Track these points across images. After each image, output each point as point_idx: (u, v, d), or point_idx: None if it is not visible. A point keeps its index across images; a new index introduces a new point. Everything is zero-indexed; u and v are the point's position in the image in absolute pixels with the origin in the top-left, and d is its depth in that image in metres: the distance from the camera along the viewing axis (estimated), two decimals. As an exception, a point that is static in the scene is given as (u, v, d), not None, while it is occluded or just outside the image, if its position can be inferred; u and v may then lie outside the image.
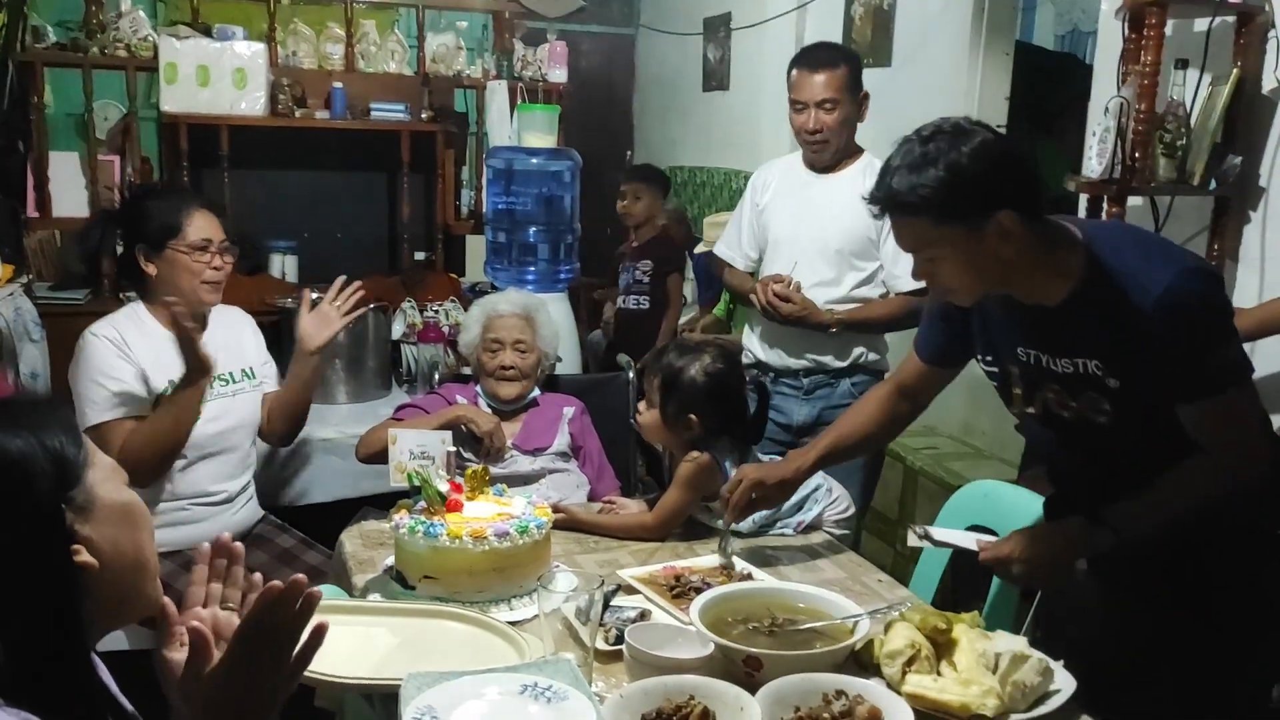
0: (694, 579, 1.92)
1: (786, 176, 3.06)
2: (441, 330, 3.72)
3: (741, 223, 3.14)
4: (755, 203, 3.09)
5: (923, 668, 1.53)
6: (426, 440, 2.11)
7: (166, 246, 2.47)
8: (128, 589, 1.14)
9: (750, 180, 3.17)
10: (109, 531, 1.11)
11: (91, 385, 2.39)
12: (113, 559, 1.11)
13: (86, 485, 1.11)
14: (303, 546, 2.72)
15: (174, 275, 2.49)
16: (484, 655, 1.60)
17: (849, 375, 2.99)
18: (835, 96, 2.86)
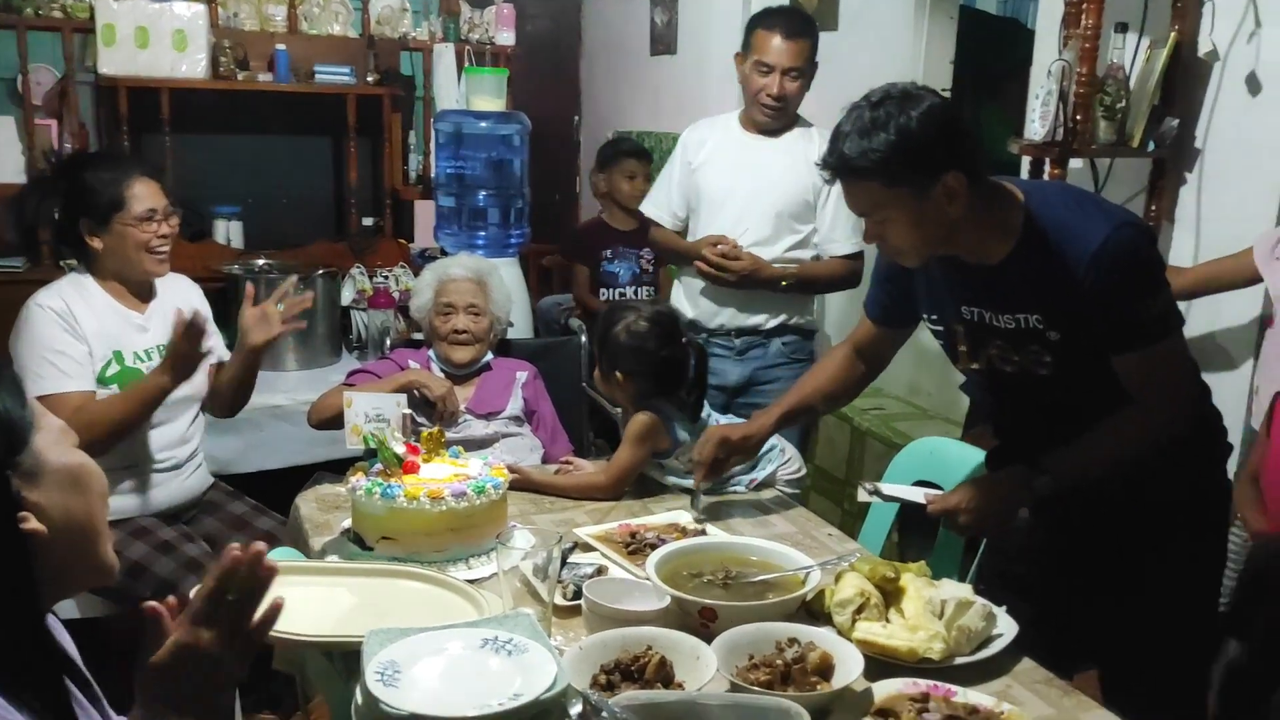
0: (649, 535, 1.95)
1: (724, 136, 3.06)
2: (391, 296, 3.72)
3: (672, 181, 3.13)
4: (687, 161, 3.08)
5: (872, 615, 1.57)
6: (381, 403, 2.11)
7: (113, 221, 2.44)
8: (78, 555, 1.12)
9: (681, 138, 3.15)
10: (58, 496, 1.08)
11: (36, 358, 2.35)
12: (62, 525, 1.08)
13: (34, 450, 1.07)
14: (255, 512, 2.71)
15: (122, 248, 2.45)
16: (443, 613, 1.62)
17: (780, 335, 3.04)
18: (802, 66, 2.89)
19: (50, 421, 1.12)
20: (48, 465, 1.08)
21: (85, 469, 1.13)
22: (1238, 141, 2.70)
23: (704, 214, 3.04)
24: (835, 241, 2.99)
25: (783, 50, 2.85)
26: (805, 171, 2.95)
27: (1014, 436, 1.96)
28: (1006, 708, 1.36)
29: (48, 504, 1.07)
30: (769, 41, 2.87)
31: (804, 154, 2.97)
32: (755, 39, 2.90)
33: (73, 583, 1.16)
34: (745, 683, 1.39)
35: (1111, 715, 1.42)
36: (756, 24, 2.94)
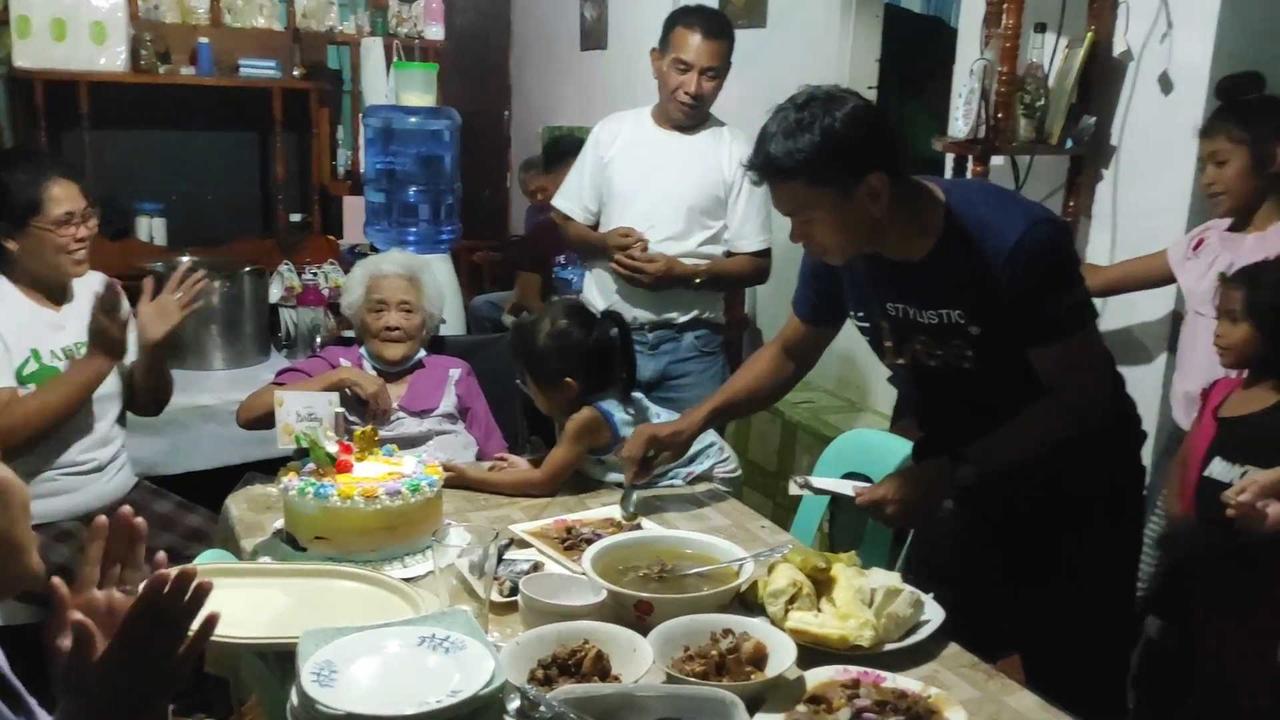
0: (585, 531, 1.97)
1: (637, 131, 3.08)
2: (321, 293, 3.68)
3: (584, 174, 3.14)
4: (600, 155, 3.10)
5: (804, 605, 1.60)
6: (313, 402, 2.09)
7: (29, 224, 2.38)
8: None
9: (593, 132, 3.16)
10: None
11: None
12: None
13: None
14: (181, 510, 2.67)
15: (38, 252, 2.41)
16: (380, 612, 1.61)
17: (692, 329, 3.07)
18: (719, 65, 2.92)
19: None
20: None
21: (6, 483, 1.09)
22: (1151, 139, 2.79)
23: (616, 208, 3.05)
24: (745, 238, 3.04)
25: (702, 49, 2.88)
26: (717, 169, 3.01)
27: (938, 429, 2.01)
28: (933, 691, 1.40)
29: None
30: (688, 40, 2.90)
31: (716, 151, 3.03)
32: (675, 36, 2.93)
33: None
34: (681, 674, 1.41)
35: (1033, 696, 1.47)
36: (676, 21, 2.96)
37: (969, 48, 3.16)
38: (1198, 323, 2.56)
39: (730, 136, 3.06)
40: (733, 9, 4.46)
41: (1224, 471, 2.13)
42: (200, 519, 2.64)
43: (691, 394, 3.05)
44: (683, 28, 2.92)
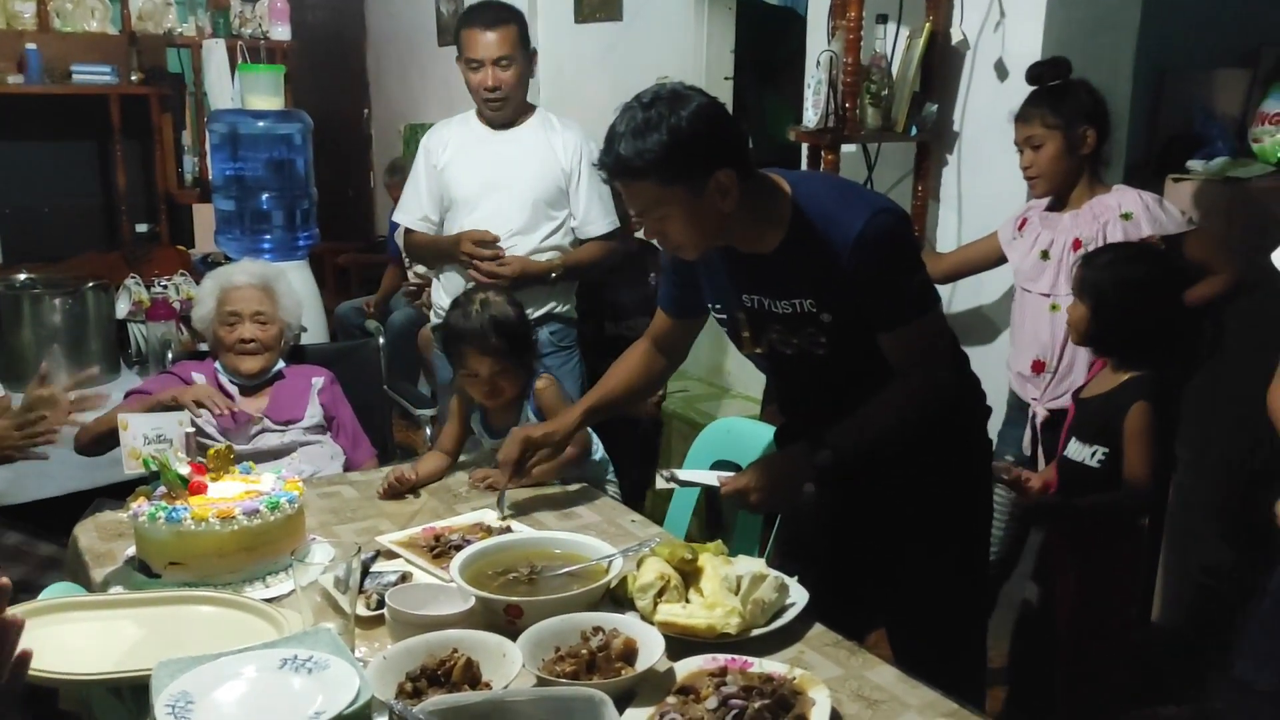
0: (454, 538, 1.94)
1: (464, 135, 3.09)
2: (172, 307, 3.54)
3: (419, 185, 3.13)
4: (433, 164, 3.10)
5: (672, 597, 1.62)
6: (161, 423, 2.01)
7: None
8: None
9: (423, 142, 3.17)
10: None
11: None
12: None
13: None
14: (30, 540, 2.54)
15: None
16: (241, 636, 1.56)
17: (546, 324, 3.09)
18: (510, 53, 2.93)
19: None
20: None
21: None
22: (990, 124, 2.90)
23: (460, 213, 3.05)
24: (592, 222, 3.08)
25: (486, 42, 2.91)
26: (552, 158, 3.04)
27: (798, 414, 2.06)
28: (798, 672, 1.43)
29: None
30: (472, 38, 2.93)
31: (548, 141, 3.05)
32: (462, 39, 2.96)
33: None
34: (551, 675, 1.40)
35: (892, 669, 1.51)
36: (460, 25, 2.99)
37: (817, 39, 3.24)
38: (1025, 299, 2.69)
39: (560, 124, 3.10)
40: (588, 4, 4.47)
41: (1077, 451, 2.24)
42: (53, 549, 2.51)
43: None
44: (465, 29, 2.96)
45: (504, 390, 2.37)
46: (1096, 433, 2.21)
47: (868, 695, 1.44)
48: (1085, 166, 2.58)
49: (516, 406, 2.39)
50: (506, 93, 2.96)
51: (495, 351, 2.32)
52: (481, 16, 2.94)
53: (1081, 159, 2.56)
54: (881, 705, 1.42)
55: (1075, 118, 2.53)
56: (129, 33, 4.15)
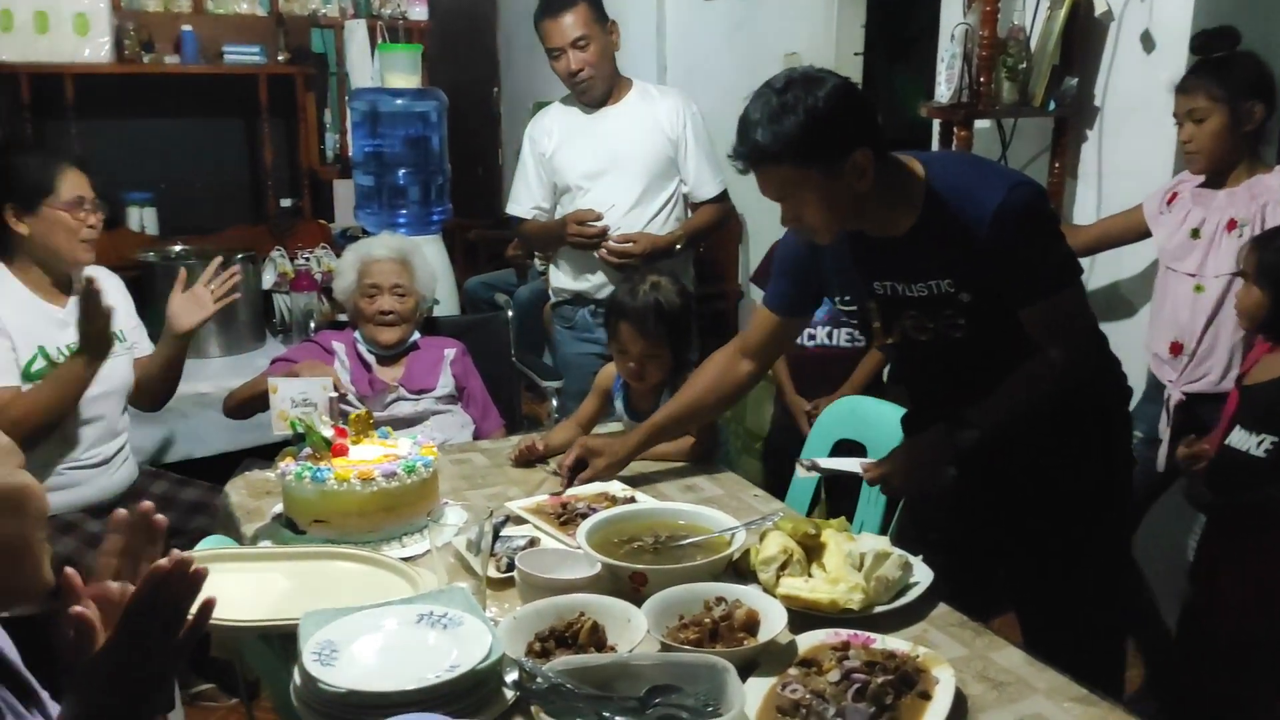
0: (580, 506, 1.99)
1: (566, 121, 3.13)
2: (314, 278, 3.69)
3: (529, 177, 3.18)
4: (540, 153, 3.15)
5: (795, 571, 1.63)
6: (308, 387, 2.11)
7: (41, 205, 2.41)
8: (11, 576, 1.10)
9: (527, 133, 3.21)
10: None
11: None
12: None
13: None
14: (178, 486, 2.71)
15: (50, 234, 2.43)
16: (379, 591, 1.64)
17: None
18: (585, 33, 2.95)
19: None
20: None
21: (25, 492, 1.10)
22: (1134, 98, 2.80)
23: (573, 197, 3.10)
24: (704, 184, 3.12)
25: (560, 28, 2.95)
26: (657, 129, 3.07)
27: (933, 401, 2.02)
28: (922, 651, 1.42)
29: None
30: (546, 28, 2.97)
31: (650, 112, 3.09)
32: (540, 32, 3.00)
33: (7, 601, 1.14)
34: (675, 642, 1.44)
35: (1019, 652, 1.50)
36: (535, 20, 3.02)
37: (952, 12, 3.16)
38: (1168, 278, 2.59)
39: (659, 93, 3.15)
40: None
41: (1242, 440, 2.14)
42: (198, 491, 2.68)
43: None
44: (539, 22, 3.00)
45: (650, 374, 2.36)
46: (1264, 420, 2.10)
47: (993, 677, 1.43)
48: (1247, 143, 2.46)
49: (658, 392, 2.40)
50: (591, 72, 2.99)
51: (651, 334, 2.31)
52: (551, 5, 2.97)
53: (1244, 135, 2.44)
54: (1007, 687, 1.41)
55: (1241, 91, 2.41)
56: (276, 14, 4.32)
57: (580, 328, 3.18)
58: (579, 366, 3.17)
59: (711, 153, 3.13)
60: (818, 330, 3.03)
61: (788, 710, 1.31)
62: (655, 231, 3.05)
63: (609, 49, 3.02)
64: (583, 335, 3.17)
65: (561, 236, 3.08)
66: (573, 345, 3.21)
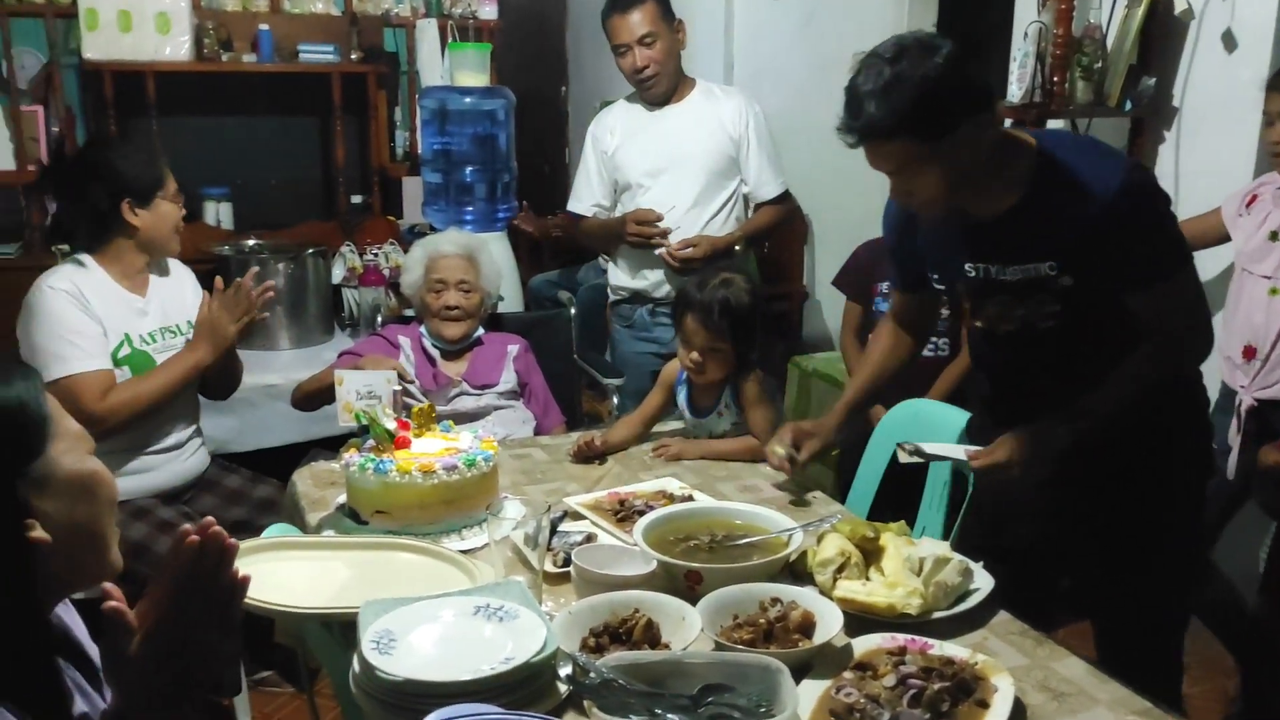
0: (637, 503, 2.00)
1: (628, 119, 3.14)
2: (382, 273, 3.74)
3: (590, 174, 3.19)
4: (603, 151, 3.15)
5: (852, 574, 1.62)
6: (372, 380, 2.15)
7: (155, 197, 2.51)
8: (82, 559, 1.12)
9: (589, 131, 3.22)
10: (66, 505, 1.08)
11: (55, 339, 2.39)
12: (68, 532, 1.08)
13: (48, 456, 1.08)
14: (251, 483, 2.77)
15: (159, 225, 2.54)
16: (437, 582, 1.66)
17: None
18: (652, 30, 2.95)
19: (68, 427, 1.12)
20: (60, 473, 1.09)
21: (96, 478, 1.13)
22: (1214, 98, 2.73)
23: (634, 195, 3.10)
24: (765, 185, 3.11)
25: (628, 25, 2.95)
26: (719, 128, 3.06)
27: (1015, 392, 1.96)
28: (980, 658, 1.40)
29: (54, 512, 1.07)
30: (613, 25, 2.98)
31: (713, 111, 3.08)
32: (607, 29, 3.01)
33: (76, 584, 1.17)
34: (729, 641, 1.43)
35: (1082, 662, 1.47)
36: (603, 17, 3.03)
37: (1025, 10, 3.11)
38: (1244, 281, 2.52)
39: (722, 92, 3.14)
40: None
41: None
42: (270, 489, 2.74)
43: None
44: (606, 19, 3.01)
45: (710, 369, 2.35)
46: None
47: (1054, 687, 1.41)
48: None
49: (719, 389, 2.39)
50: (657, 70, 3.00)
51: (714, 328, 2.29)
52: (619, 1, 2.98)
53: None
54: (1068, 698, 1.38)
55: None
56: (350, 14, 4.39)
57: (638, 326, 3.19)
58: (637, 365, 3.18)
59: (774, 153, 3.12)
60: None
61: (841, 714, 1.30)
62: (714, 231, 3.05)
63: (675, 47, 3.02)
64: (641, 334, 3.18)
65: (621, 235, 3.09)
66: (631, 344, 3.21)
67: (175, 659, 1.09)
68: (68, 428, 1.12)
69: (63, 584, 1.14)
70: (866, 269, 3.03)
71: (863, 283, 3.02)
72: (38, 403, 1.09)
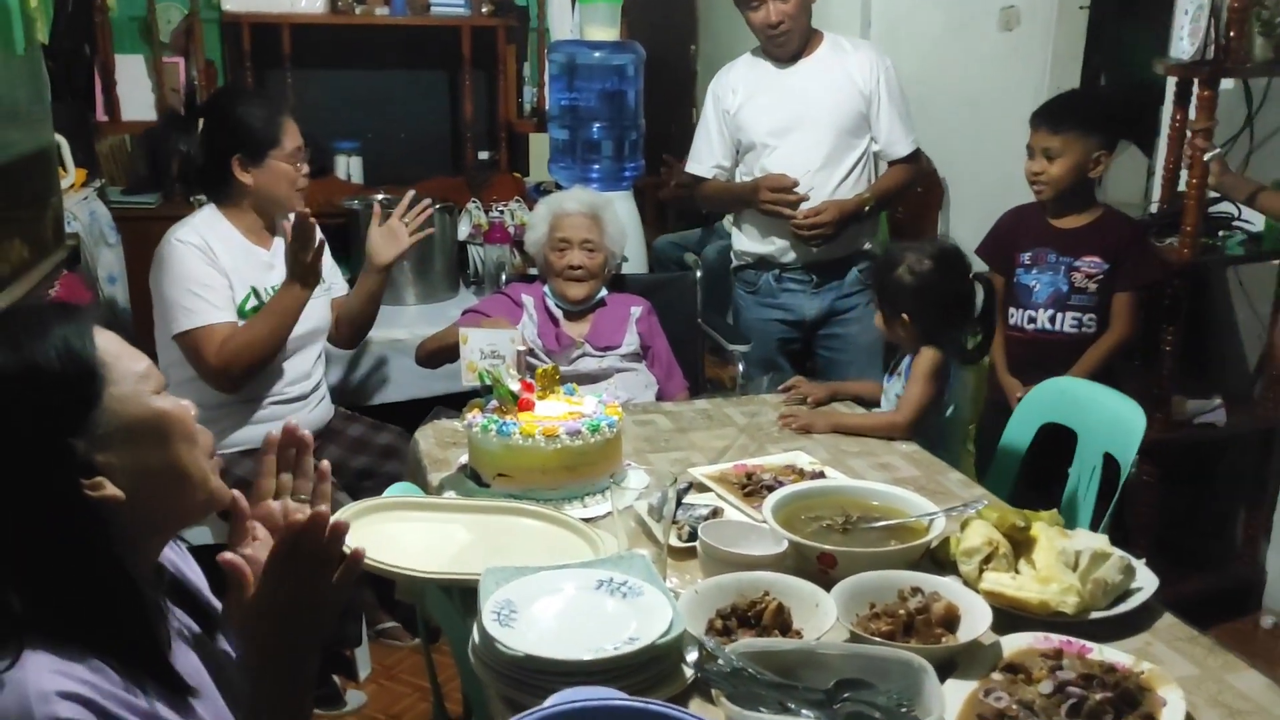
0: (765, 477, 1.91)
1: (752, 75, 3.00)
2: (507, 230, 3.71)
3: (711, 134, 3.06)
4: (724, 110, 3.02)
5: (1000, 566, 1.51)
6: (496, 339, 2.10)
7: (267, 157, 2.50)
8: (170, 501, 1.09)
9: (710, 88, 3.09)
10: (134, 453, 1.05)
11: (183, 292, 2.43)
12: (143, 481, 1.05)
13: (104, 409, 1.03)
14: (373, 430, 2.79)
15: (273, 185, 2.54)
16: (559, 551, 1.62)
17: (854, 263, 3.01)
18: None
19: (125, 370, 1.06)
20: (121, 420, 1.04)
21: (166, 417, 1.08)
22: None
23: (758, 155, 2.97)
24: (896, 144, 2.98)
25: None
26: (850, 84, 2.92)
27: None
28: (1146, 666, 1.28)
29: (125, 463, 1.04)
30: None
31: (843, 67, 2.93)
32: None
33: (173, 526, 1.16)
34: (866, 632, 1.34)
35: (1261, 677, 1.33)
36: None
37: (1199, -41, 2.86)
38: None
39: (851, 46, 2.99)
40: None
41: None
42: (391, 436, 2.76)
43: (857, 328, 3.03)
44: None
45: (890, 336, 2.36)
46: None
47: (1229, 703, 1.28)
48: None
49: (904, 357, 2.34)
50: (790, 25, 2.86)
51: (892, 305, 2.28)
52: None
53: None
54: (1247, 716, 1.25)
55: None
56: (481, -33, 4.36)
57: (764, 292, 3.08)
58: (761, 332, 3.08)
59: (905, 109, 2.97)
60: (1039, 314, 2.76)
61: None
62: (845, 194, 2.92)
63: (807, 2, 2.88)
64: (766, 300, 3.08)
65: (747, 200, 2.98)
66: (755, 310, 3.11)
67: (292, 615, 1.09)
68: (126, 370, 1.06)
69: (156, 529, 1.12)
70: (1008, 237, 2.84)
71: (1005, 252, 2.84)
72: (85, 350, 1.03)
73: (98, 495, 1.02)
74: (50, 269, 2.63)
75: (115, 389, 1.04)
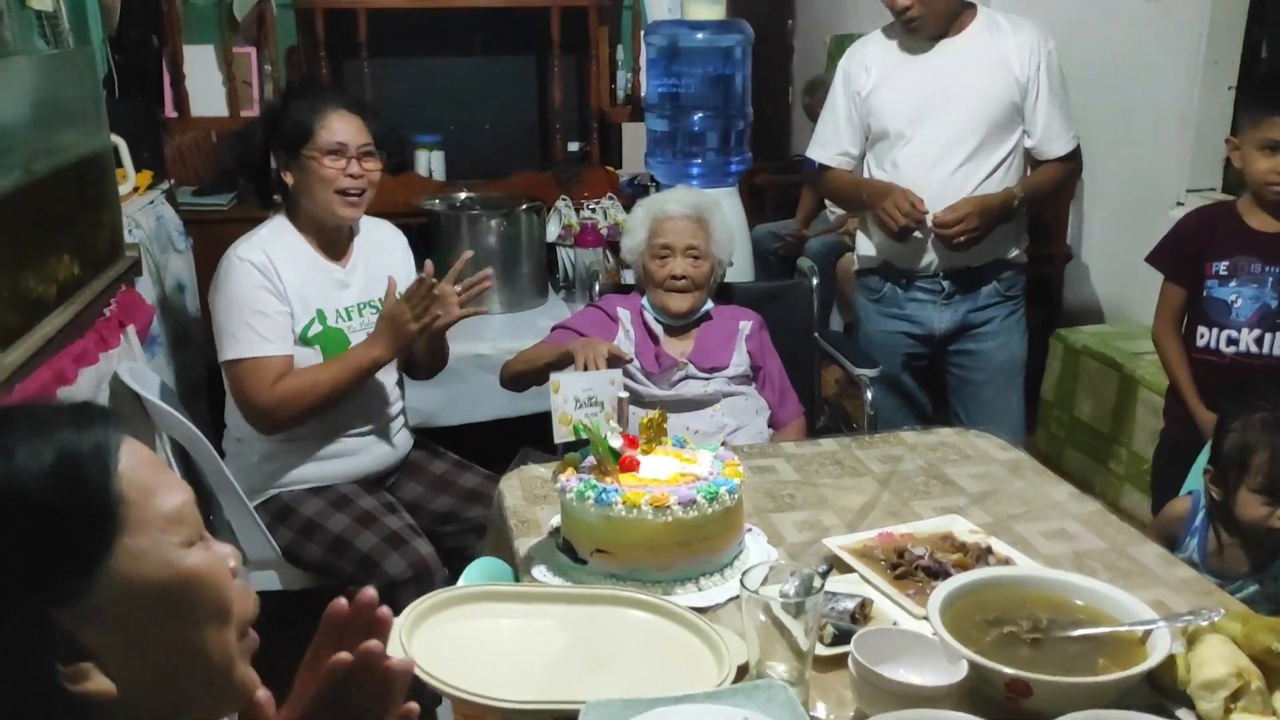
0: (918, 551, 1.57)
1: (890, 54, 2.63)
2: (599, 233, 3.42)
3: (838, 118, 2.71)
4: (855, 91, 2.66)
5: (1254, 706, 1.16)
6: (593, 384, 1.79)
7: (300, 153, 2.22)
8: (182, 696, 0.80)
9: (840, 67, 2.73)
10: (140, 630, 0.76)
11: (233, 320, 2.17)
12: (144, 666, 0.76)
13: (110, 568, 0.74)
14: (457, 470, 2.51)
15: (308, 185, 2.24)
16: (672, 656, 1.33)
17: (991, 273, 2.66)
18: None
19: (151, 512, 0.77)
20: (129, 587, 0.75)
21: (190, 584, 0.78)
22: None
23: (890, 146, 2.62)
24: (1054, 140, 2.60)
25: None
26: (1004, 69, 2.53)
27: None
28: None
29: (121, 644, 0.75)
30: None
31: (996, 48, 2.55)
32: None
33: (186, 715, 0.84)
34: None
35: None
36: None
37: None
38: None
39: (1010, 25, 2.59)
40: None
41: None
42: (477, 479, 2.47)
43: (993, 343, 2.69)
44: None
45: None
46: None
47: None
48: None
49: None
50: (921, 12, 2.51)
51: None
52: None
53: None
54: None
55: None
56: (570, -56, 4.07)
57: (888, 302, 2.74)
58: (884, 345, 2.74)
59: (1066, 101, 2.59)
60: (1241, 334, 2.34)
61: None
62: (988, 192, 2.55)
63: None
64: (890, 311, 2.74)
65: (869, 205, 2.64)
66: (879, 321, 2.77)
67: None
68: (153, 512, 0.77)
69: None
70: (1195, 244, 2.42)
71: (1190, 260, 2.42)
72: (100, 479, 0.74)
73: (78, 689, 0.73)
74: (105, 285, 2.40)
75: (132, 540, 0.75)
